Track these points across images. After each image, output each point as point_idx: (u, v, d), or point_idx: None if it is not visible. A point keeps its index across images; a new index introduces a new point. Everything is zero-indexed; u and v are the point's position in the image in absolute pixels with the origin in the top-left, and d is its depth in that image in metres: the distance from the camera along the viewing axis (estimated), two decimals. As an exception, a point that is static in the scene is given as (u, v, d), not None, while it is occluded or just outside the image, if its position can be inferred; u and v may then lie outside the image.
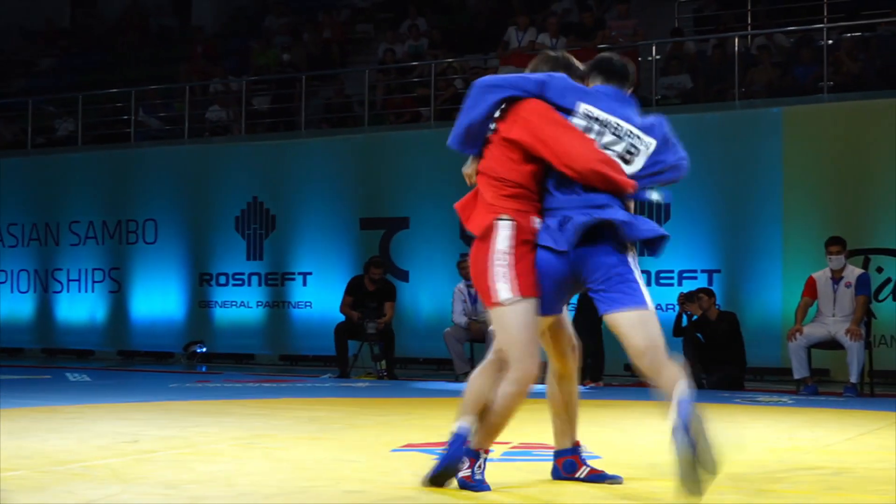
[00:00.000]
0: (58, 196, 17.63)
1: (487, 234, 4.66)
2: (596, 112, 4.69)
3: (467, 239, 13.85)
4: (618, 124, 4.68)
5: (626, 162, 4.67)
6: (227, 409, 8.71)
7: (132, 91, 18.20)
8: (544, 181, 4.75)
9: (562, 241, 4.59)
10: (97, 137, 18.71)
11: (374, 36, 19.86)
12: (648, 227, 4.65)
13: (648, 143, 4.70)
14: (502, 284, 4.61)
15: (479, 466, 4.74)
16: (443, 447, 4.75)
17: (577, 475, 4.92)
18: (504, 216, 4.66)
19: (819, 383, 11.35)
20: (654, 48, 14.86)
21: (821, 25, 14.66)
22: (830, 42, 14.15)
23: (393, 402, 9.78)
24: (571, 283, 4.71)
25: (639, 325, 4.56)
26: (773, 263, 13.01)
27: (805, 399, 10.32)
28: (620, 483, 4.88)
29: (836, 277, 11.09)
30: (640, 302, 4.59)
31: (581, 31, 16.01)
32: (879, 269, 12.48)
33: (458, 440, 4.69)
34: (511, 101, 4.75)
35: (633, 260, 4.66)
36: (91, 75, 21.51)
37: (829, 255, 11.14)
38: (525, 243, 4.66)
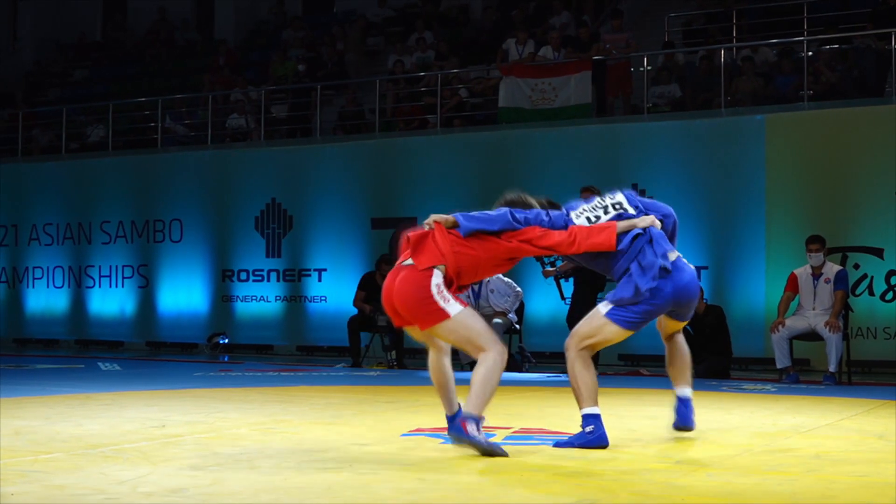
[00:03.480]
0: (90, 198, 17.66)
1: (427, 272, 5.24)
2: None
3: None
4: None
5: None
6: (247, 396, 8.71)
7: (159, 100, 18.23)
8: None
9: None
10: (126, 143, 18.74)
11: (385, 48, 19.86)
12: None
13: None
14: (446, 304, 5.21)
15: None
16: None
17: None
18: (441, 267, 5.29)
19: (800, 372, 11.32)
20: (645, 59, 14.85)
21: (801, 38, 14.65)
22: (810, 54, 14.14)
23: (402, 389, 9.76)
24: None
25: None
26: (757, 260, 13.00)
27: (787, 387, 10.29)
28: None
29: (816, 274, 11.06)
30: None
31: (577, 45, 15.99)
32: (856, 266, 12.46)
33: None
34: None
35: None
36: (121, 85, 21.55)
37: (809, 252, 11.11)
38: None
